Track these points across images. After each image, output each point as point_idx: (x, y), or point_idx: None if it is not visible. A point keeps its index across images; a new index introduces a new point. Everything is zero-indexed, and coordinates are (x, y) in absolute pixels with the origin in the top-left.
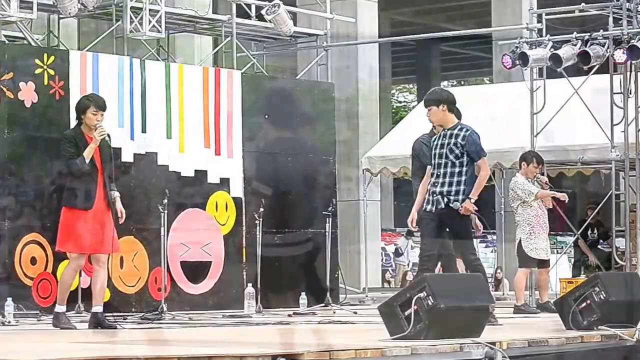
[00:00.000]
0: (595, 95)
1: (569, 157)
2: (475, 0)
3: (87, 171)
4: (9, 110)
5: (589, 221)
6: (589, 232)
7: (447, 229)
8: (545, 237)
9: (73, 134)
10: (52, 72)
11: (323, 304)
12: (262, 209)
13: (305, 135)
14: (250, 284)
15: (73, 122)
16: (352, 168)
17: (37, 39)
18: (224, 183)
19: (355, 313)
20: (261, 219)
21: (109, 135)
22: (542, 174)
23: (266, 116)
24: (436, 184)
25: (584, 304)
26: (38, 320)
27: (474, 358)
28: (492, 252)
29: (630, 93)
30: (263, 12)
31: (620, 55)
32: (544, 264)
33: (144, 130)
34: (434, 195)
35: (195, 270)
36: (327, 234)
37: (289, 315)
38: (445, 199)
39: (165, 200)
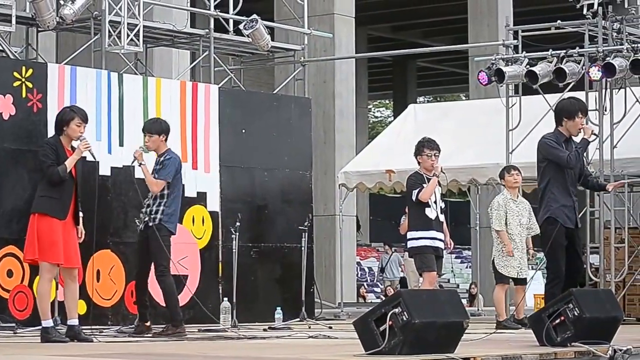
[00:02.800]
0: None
1: None
2: (452, 17)
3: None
4: None
5: None
6: None
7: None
8: (520, 255)
9: (54, 142)
10: (30, 84)
11: (298, 319)
12: (238, 223)
13: (282, 150)
14: (226, 298)
15: (51, 135)
16: (328, 183)
17: (16, 52)
18: (201, 197)
19: (331, 328)
20: (237, 233)
21: (93, 155)
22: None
23: (243, 131)
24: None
25: (557, 320)
26: (14, 333)
27: None
28: (467, 267)
29: (605, 110)
30: (241, 27)
31: (595, 73)
32: (519, 282)
33: (121, 144)
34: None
35: None
36: (303, 248)
37: (265, 330)
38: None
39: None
